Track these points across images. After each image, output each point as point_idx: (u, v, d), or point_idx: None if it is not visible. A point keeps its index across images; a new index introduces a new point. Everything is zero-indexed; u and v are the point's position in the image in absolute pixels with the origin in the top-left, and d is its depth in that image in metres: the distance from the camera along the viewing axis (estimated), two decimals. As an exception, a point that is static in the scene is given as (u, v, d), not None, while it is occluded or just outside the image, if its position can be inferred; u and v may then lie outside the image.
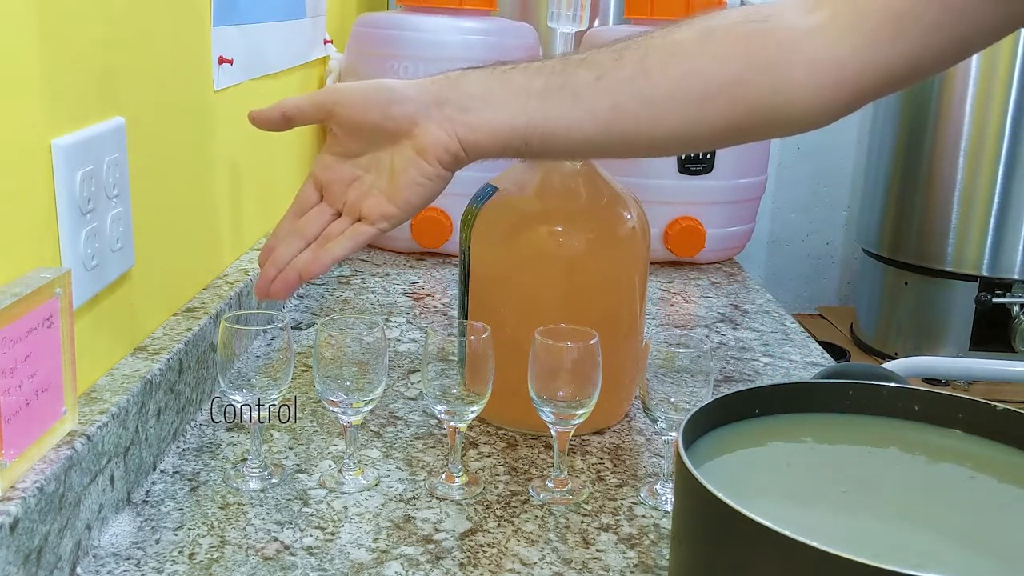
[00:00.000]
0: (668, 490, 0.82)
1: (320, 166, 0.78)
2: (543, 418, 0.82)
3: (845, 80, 0.74)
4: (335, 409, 0.82)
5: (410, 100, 0.74)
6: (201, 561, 0.71)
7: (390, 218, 0.75)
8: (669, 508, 0.80)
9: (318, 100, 0.76)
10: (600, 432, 0.95)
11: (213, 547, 0.73)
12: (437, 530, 0.77)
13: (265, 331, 0.83)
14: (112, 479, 0.74)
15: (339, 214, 0.77)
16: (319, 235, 0.77)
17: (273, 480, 0.82)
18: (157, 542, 0.73)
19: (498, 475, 0.86)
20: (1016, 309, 2.29)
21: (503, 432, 0.94)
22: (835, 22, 0.73)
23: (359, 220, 0.76)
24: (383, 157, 0.76)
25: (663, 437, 0.83)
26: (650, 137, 0.75)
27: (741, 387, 0.71)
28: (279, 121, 0.77)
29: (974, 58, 2.27)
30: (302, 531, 0.76)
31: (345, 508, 0.79)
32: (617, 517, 0.80)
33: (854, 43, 0.73)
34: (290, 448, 0.89)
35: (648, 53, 0.74)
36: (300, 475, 0.84)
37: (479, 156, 0.75)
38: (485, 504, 0.81)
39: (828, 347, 2.10)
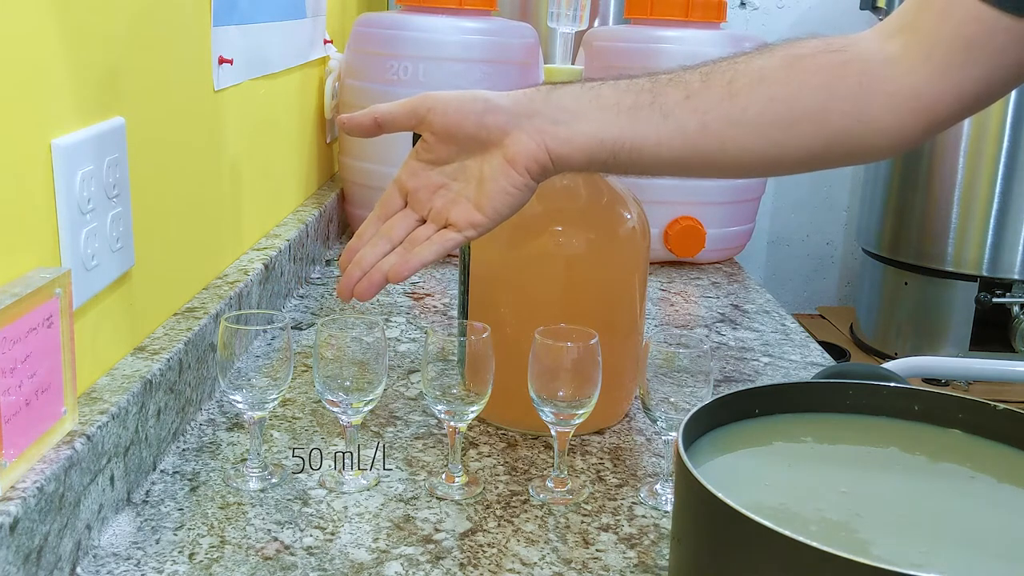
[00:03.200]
0: (668, 490, 0.82)
1: (407, 172, 0.78)
2: (543, 418, 0.82)
3: (921, 108, 0.76)
4: (335, 409, 0.82)
5: (503, 110, 0.75)
6: (201, 561, 0.71)
7: (477, 226, 0.76)
8: (669, 508, 0.80)
9: (412, 106, 0.77)
10: (600, 432, 0.95)
11: (213, 547, 0.73)
12: (437, 530, 0.77)
13: (265, 331, 0.84)
14: (112, 479, 0.74)
15: (423, 220, 0.78)
16: (404, 239, 0.77)
17: (273, 480, 0.82)
18: (157, 542, 0.73)
19: (498, 475, 0.86)
20: (1016, 309, 2.29)
21: (503, 432, 0.94)
22: (908, 52, 0.76)
23: (446, 227, 0.76)
24: (471, 165, 0.76)
25: (663, 437, 0.83)
26: (734, 159, 0.77)
27: (741, 387, 0.71)
28: (371, 127, 0.78)
29: (974, 58, 2.26)
30: (302, 531, 0.76)
31: (345, 508, 0.79)
32: (617, 517, 0.80)
33: (928, 72, 0.75)
34: (290, 448, 0.89)
35: (735, 77, 0.76)
36: (300, 475, 0.84)
37: (566, 168, 0.76)
38: (485, 504, 0.81)
39: (828, 347, 2.10)
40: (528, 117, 0.75)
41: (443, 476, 0.83)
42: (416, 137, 0.79)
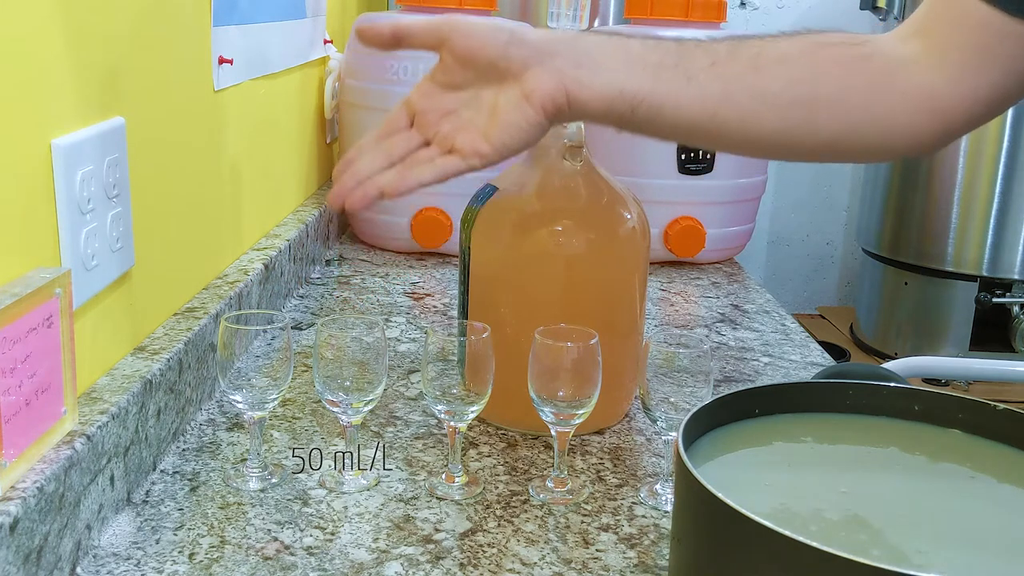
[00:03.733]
0: (668, 490, 0.82)
1: (418, 93, 0.77)
2: (543, 418, 0.82)
3: (936, 110, 0.76)
4: (335, 409, 0.82)
5: (528, 44, 0.75)
6: (201, 561, 0.71)
7: (483, 156, 0.74)
8: (669, 508, 0.80)
9: (435, 25, 0.76)
10: (600, 432, 0.95)
11: (213, 547, 0.73)
12: (437, 530, 0.77)
13: (265, 331, 0.83)
14: (112, 479, 0.74)
15: (427, 144, 0.76)
16: (404, 158, 0.75)
17: (273, 480, 0.82)
18: (157, 542, 0.73)
19: (498, 475, 0.86)
20: (1016, 309, 2.29)
21: (503, 432, 0.94)
22: (924, 54, 0.76)
23: (450, 152, 0.75)
24: (485, 95, 0.75)
25: (663, 437, 0.83)
26: (750, 133, 0.77)
27: (741, 387, 0.71)
28: (388, 39, 0.76)
29: (974, 58, 2.26)
30: (302, 531, 0.76)
31: (345, 508, 0.79)
32: (617, 517, 0.80)
33: (943, 75, 0.76)
34: (290, 448, 0.89)
35: (761, 53, 0.76)
36: (300, 475, 0.84)
37: (582, 114, 0.75)
38: (485, 504, 0.81)
39: (828, 347, 2.10)
40: (552, 56, 0.74)
41: (443, 476, 0.83)
42: None
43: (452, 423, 0.82)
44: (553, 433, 0.82)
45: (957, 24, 0.75)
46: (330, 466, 0.85)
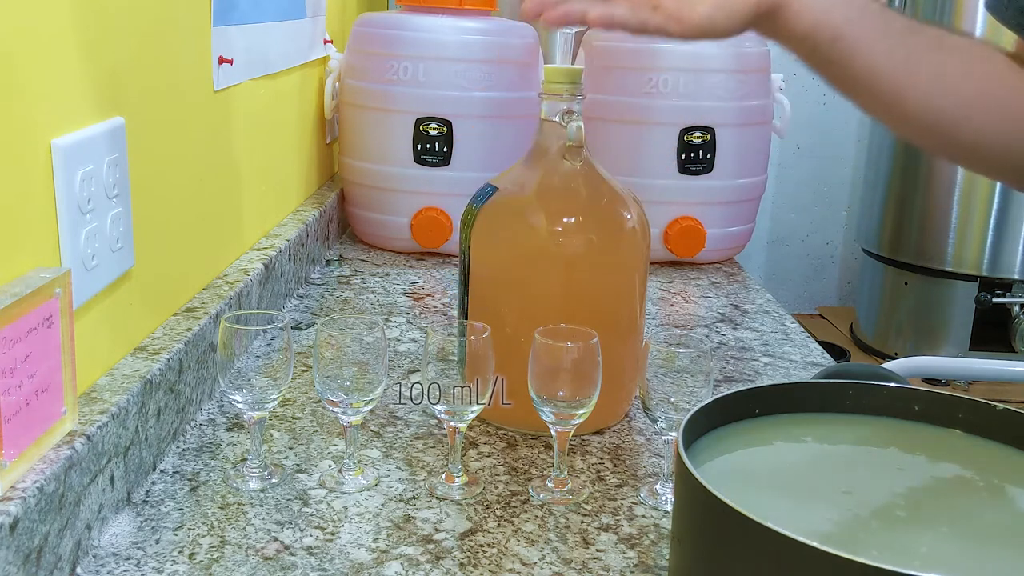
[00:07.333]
0: (668, 490, 0.82)
1: None
2: (543, 418, 0.82)
3: None
4: (335, 409, 0.82)
5: None
6: (201, 561, 0.71)
7: (682, 24, 0.75)
8: (669, 508, 0.80)
9: None
10: (600, 432, 0.95)
11: (213, 547, 0.73)
12: (437, 530, 0.77)
13: (265, 331, 0.83)
14: (112, 479, 0.74)
15: None
16: None
17: (273, 480, 0.82)
18: (157, 542, 0.73)
19: (498, 475, 0.86)
20: (1016, 309, 2.29)
21: (503, 432, 0.94)
22: None
23: (656, 8, 0.75)
24: None
25: (663, 437, 0.83)
26: (916, 109, 0.79)
27: (741, 387, 0.71)
28: None
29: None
30: (302, 531, 0.76)
31: (345, 508, 0.79)
32: (617, 517, 0.80)
33: None
34: (290, 448, 0.89)
35: (943, 36, 0.80)
36: (300, 475, 0.84)
37: (785, 30, 0.77)
38: (485, 504, 0.81)
39: (828, 347, 2.10)
40: None
41: (443, 476, 0.83)
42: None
43: (452, 423, 0.82)
44: (553, 433, 0.82)
45: None
46: (330, 466, 0.85)
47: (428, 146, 1.47)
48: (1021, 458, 0.66)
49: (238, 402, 0.81)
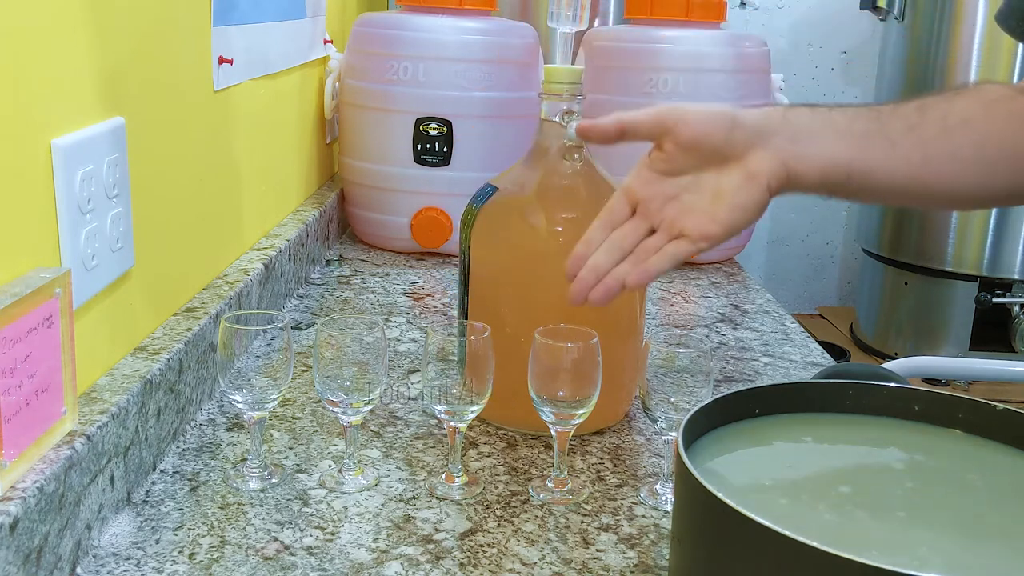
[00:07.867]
0: (668, 490, 0.82)
1: (639, 182, 0.79)
2: (543, 418, 0.82)
3: None
4: (335, 409, 0.82)
5: (747, 127, 0.77)
6: (201, 561, 0.71)
7: (711, 238, 0.77)
8: (669, 508, 0.80)
9: (660, 117, 0.78)
10: (600, 432, 0.95)
11: (213, 547, 0.73)
12: (437, 530, 0.77)
13: (265, 331, 0.83)
14: (112, 479, 0.74)
15: (652, 231, 0.78)
16: (635, 249, 0.78)
17: (273, 480, 0.82)
18: (157, 542, 0.73)
19: (498, 475, 0.86)
20: (1016, 309, 2.29)
21: (503, 432, 0.94)
22: None
23: (678, 238, 0.77)
24: (707, 178, 0.77)
25: (663, 437, 0.83)
26: (949, 191, 0.81)
27: (741, 387, 0.71)
28: (614, 134, 0.79)
29: (974, 58, 2.27)
30: (302, 531, 0.76)
31: (345, 508, 0.79)
32: (617, 517, 0.80)
33: None
34: (290, 448, 0.89)
35: (948, 114, 0.80)
36: (300, 475, 0.84)
37: (800, 186, 0.78)
38: (485, 504, 0.81)
39: (828, 347, 2.10)
40: (770, 135, 0.77)
41: (443, 476, 0.83)
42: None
43: (452, 423, 0.82)
44: (553, 433, 0.82)
45: None
46: (330, 466, 0.85)
47: (428, 146, 1.47)
48: (1021, 458, 0.66)
49: (238, 402, 0.81)
